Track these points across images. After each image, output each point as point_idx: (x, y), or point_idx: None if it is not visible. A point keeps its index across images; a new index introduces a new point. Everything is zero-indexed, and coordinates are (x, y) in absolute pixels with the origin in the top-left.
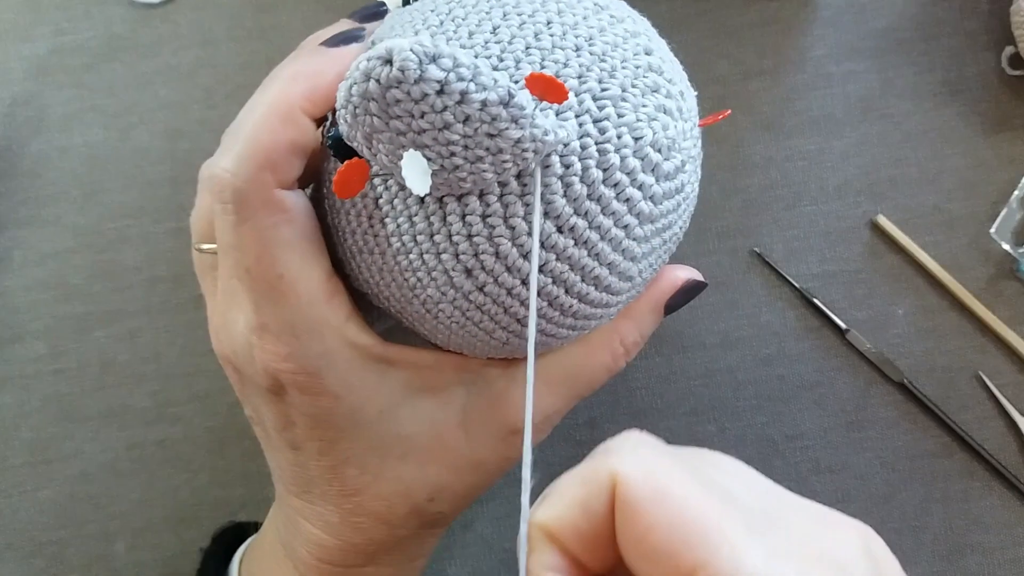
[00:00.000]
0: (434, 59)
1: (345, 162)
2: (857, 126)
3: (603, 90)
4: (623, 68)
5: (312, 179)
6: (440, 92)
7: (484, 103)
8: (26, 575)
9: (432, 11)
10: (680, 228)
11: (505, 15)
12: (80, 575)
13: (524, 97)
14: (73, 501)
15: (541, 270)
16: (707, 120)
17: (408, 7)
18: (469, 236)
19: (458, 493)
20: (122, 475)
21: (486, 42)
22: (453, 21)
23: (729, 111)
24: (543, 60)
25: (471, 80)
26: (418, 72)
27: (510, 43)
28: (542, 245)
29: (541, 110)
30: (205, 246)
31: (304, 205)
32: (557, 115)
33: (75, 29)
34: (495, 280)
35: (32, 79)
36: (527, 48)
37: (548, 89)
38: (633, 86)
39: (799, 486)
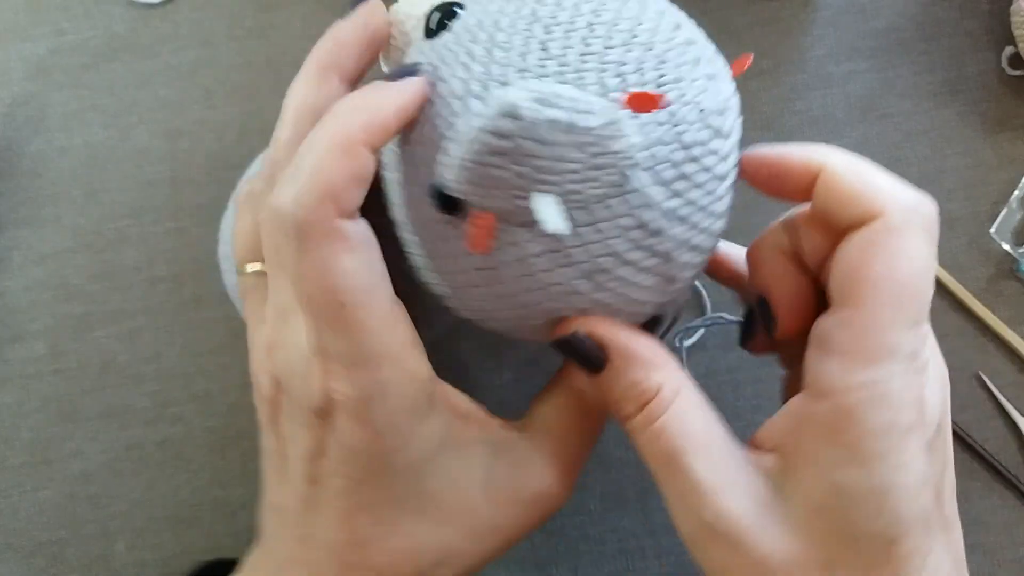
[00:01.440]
0: (548, 102)
1: (475, 218)
2: (857, 126)
3: (661, 76)
4: (668, 51)
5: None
6: (563, 131)
7: (593, 129)
8: (26, 575)
9: (472, 42)
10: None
11: (547, 28)
12: (80, 575)
13: (612, 110)
14: (73, 501)
15: (653, 254)
16: (735, 70)
17: (443, 41)
18: (584, 244)
19: (468, 560)
20: (122, 475)
21: (541, 60)
22: (500, 48)
23: (751, 55)
24: (602, 63)
25: (585, 111)
26: (542, 119)
27: (563, 55)
28: (649, 233)
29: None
30: (249, 267)
31: (365, 233)
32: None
33: (75, 29)
34: (616, 277)
35: (32, 79)
36: (582, 55)
37: (646, 103)
38: (682, 64)
39: None
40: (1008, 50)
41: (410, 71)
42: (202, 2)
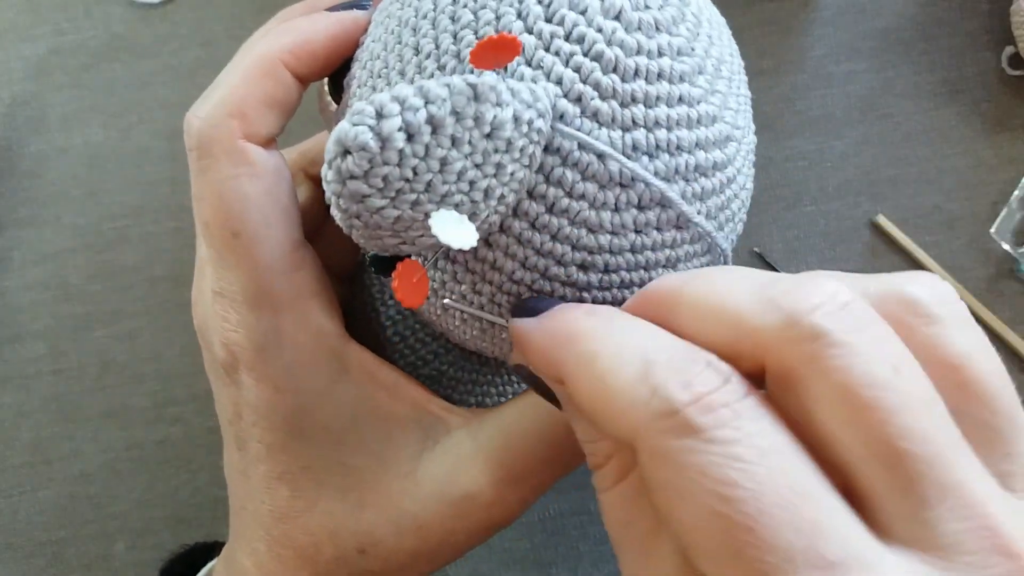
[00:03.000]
0: (380, 116)
1: (397, 266)
2: (857, 126)
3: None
4: None
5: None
6: (411, 139)
7: (456, 114)
8: (26, 575)
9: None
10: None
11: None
12: (80, 575)
13: (488, 78)
14: (73, 501)
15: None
16: None
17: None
18: (553, 237)
19: (391, 554)
20: (122, 475)
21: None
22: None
23: None
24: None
25: (428, 104)
26: (378, 140)
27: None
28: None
29: (511, 76)
30: None
31: (275, 165)
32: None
33: (75, 29)
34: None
35: (32, 79)
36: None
37: (498, 51)
38: None
39: None
40: (1008, 50)
41: (356, 4)
42: (202, 2)
